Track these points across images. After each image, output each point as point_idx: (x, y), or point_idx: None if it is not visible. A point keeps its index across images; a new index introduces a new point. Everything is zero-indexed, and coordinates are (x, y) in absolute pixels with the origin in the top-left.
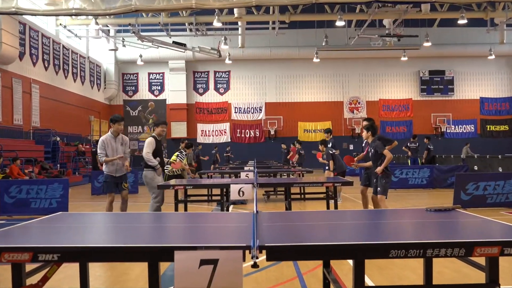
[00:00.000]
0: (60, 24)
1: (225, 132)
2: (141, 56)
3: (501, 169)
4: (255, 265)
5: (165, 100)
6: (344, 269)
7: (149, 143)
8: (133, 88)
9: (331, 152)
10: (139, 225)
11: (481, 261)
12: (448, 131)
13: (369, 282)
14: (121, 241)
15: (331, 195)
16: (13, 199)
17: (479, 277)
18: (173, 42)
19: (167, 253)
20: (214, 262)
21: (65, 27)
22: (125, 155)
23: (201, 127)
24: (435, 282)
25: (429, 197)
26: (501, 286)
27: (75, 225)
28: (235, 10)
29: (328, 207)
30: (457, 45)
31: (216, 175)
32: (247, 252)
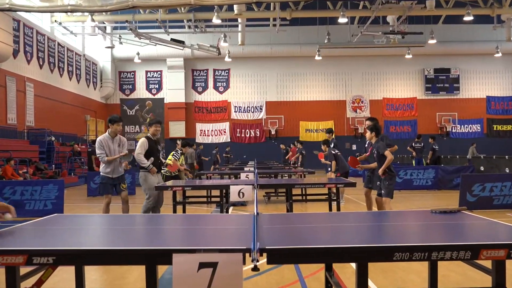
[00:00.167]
0: (55, 21)
1: (225, 131)
2: (138, 53)
3: (508, 170)
4: (255, 269)
5: (163, 99)
6: (347, 272)
7: (141, 144)
8: (130, 86)
9: (333, 152)
10: (136, 227)
11: (488, 264)
12: (453, 130)
13: (372, 286)
14: (118, 244)
15: (334, 196)
16: (7, 200)
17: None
18: (171, 39)
19: (165, 256)
20: (213, 265)
21: (60, 24)
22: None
23: (200, 127)
24: (440, 285)
25: (434, 198)
26: None
27: (70, 227)
28: (235, 6)
29: (330, 209)
30: (463, 42)
31: (215, 176)
32: (247, 255)
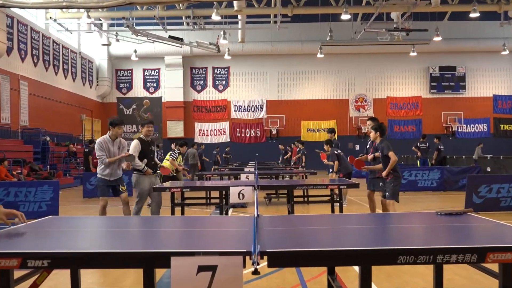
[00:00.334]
0: (50, 17)
1: (224, 131)
2: (135, 51)
3: None
4: (256, 272)
5: (161, 97)
6: (350, 276)
7: (134, 146)
8: (127, 85)
9: (336, 152)
10: (134, 229)
11: (494, 267)
12: (459, 130)
13: None
14: (114, 246)
15: (336, 198)
16: (1, 202)
17: (492, 285)
18: (169, 36)
19: (163, 259)
20: (212, 268)
21: (55, 20)
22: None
23: (198, 126)
24: None
25: (439, 200)
26: None
27: (66, 229)
28: (235, 2)
29: (333, 211)
30: (469, 39)
31: (214, 177)
32: (248, 258)
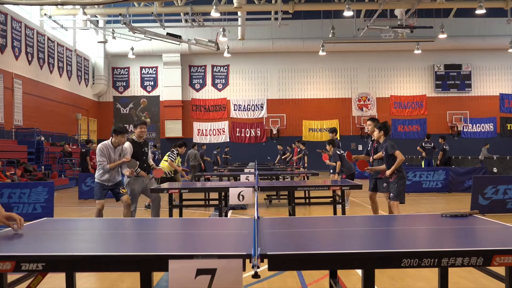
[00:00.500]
0: (44, 14)
1: (224, 131)
2: (132, 49)
3: None
4: (256, 275)
5: (158, 96)
6: (352, 279)
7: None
8: (124, 83)
9: (338, 153)
10: (130, 231)
11: (501, 271)
12: (465, 130)
13: None
14: (110, 249)
15: (338, 199)
16: None
17: None
18: (167, 34)
19: (160, 262)
20: (211, 272)
21: (50, 17)
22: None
23: (197, 126)
24: None
25: (444, 201)
26: None
27: (61, 232)
28: None
29: (335, 213)
30: (475, 37)
31: (213, 178)
32: (248, 261)
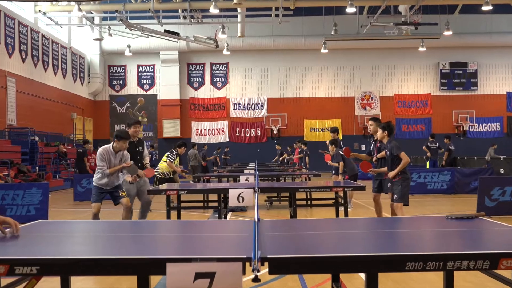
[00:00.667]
0: (39, 11)
1: (223, 131)
2: (129, 46)
3: None
4: (256, 279)
5: (156, 95)
6: (355, 283)
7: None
8: (121, 82)
9: (341, 153)
10: (127, 234)
11: (507, 274)
12: (471, 129)
13: None
14: (106, 252)
15: (341, 201)
16: None
17: None
18: (165, 30)
19: (158, 266)
20: (210, 275)
21: (44, 14)
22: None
23: (196, 126)
24: None
25: (450, 203)
26: None
27: (56, 234)
28: None
29: (337, 215)
30: (481, 34)
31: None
32: (248, 264)
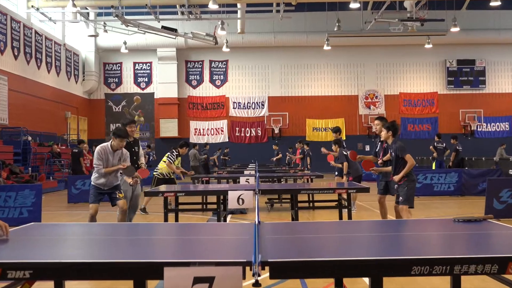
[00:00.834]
0: (32, 6)
1: (222, 130)
2: (125, 43)
3: None
4: (256, 284)
5: (153, 93)
6: None
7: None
8: (116, 80)
9: (345, 153)
10: (123, 237)
11: None
12: (479, 129)
13: None
14: (102, 256)
15: (345, 203)
16: None
17: None
18: (162, 27)
19: (155, 270)
20: (209, 280)
21: (37, 9)
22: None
23: (194, 125)
24: None
25: (457, 205)
26: None
27: (49, 237)
28: None
29: (340, 217)
30: (490, 30)
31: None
32: (248, 268)
